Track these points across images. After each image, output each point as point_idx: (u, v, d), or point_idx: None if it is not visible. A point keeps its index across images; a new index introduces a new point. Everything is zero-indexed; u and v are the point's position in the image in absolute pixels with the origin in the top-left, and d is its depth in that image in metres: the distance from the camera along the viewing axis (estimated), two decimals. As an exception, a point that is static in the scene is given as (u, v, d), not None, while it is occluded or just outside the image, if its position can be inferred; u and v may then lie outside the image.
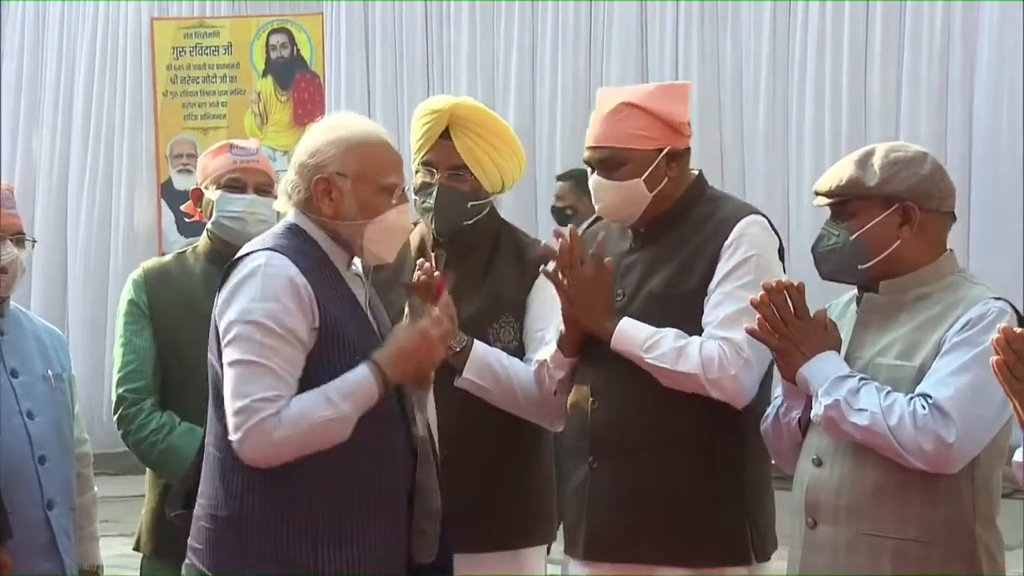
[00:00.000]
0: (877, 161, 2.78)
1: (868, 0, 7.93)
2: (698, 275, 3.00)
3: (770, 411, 2.88)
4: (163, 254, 8.05)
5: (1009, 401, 2.34)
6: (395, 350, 2.63)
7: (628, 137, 3.03)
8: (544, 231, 7.04)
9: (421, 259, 3.08)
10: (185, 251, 3.56)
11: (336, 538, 2.58)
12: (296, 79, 8.47)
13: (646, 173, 3.03)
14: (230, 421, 2.55)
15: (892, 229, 2.75)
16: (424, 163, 3.23)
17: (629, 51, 8.42)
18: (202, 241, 3.49)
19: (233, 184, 3.43)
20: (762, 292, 2.71)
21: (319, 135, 2.71)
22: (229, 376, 2.57)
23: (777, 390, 2.89)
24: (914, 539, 2.68)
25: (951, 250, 2.81)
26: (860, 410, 2.61)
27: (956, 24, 7.78)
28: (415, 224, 3.27)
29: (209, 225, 3.46)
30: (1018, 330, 2.31)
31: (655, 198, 3.04)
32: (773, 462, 2.98)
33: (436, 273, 2.82)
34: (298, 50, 8.48)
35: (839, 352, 2.73)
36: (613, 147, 3.04)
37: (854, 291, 2.85)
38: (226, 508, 2.61)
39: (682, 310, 2.99)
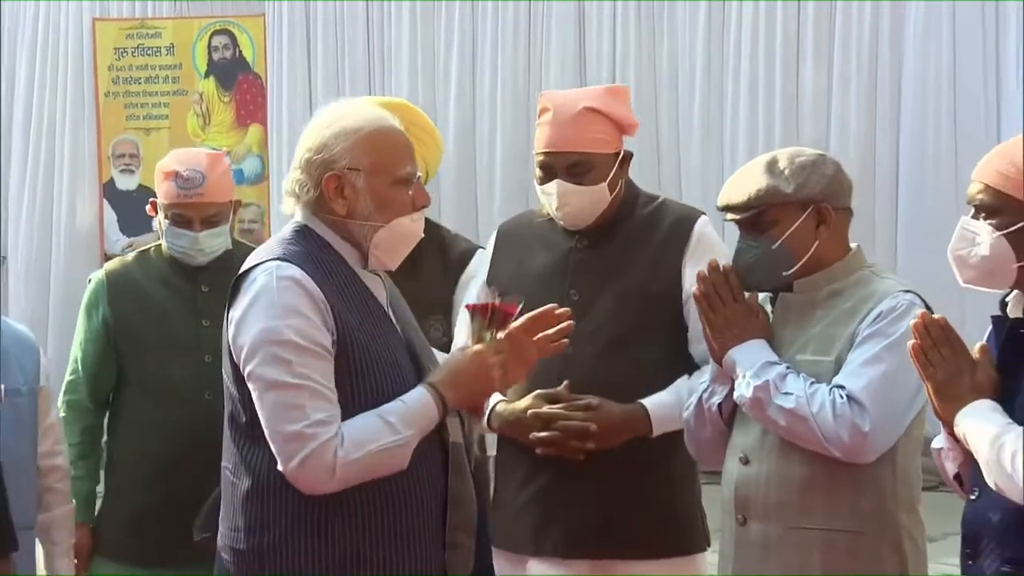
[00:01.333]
0: (786, 168, 2.80)
1: (800, 1, 8.06)
2: (668, 274, 3.05)
3: (692, 399, 2.89)
4: (106, 254, 8.17)
5: (924, 388, 2.45)
6: (452, 375, 2.46)
7: (592, 141, 3.05)
8: (484, 230, 7.17)
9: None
10: (148, 249, 3.53)
11: (367, 565, 2.39)
12: (238, 80, 8.45)
13: (609, 176, 3.08)
14: (279, 449, 2.34)
15: (811, 232, 2.78)
16: None
17: (567, 49, 8.49)
18: (164, 243, 3.47)
19: (178, 219, 3.36)
20: (702, 270, 2.75)
21: (324, 128, 2.49)
22: (267, 402, 2.36)
23: (704, 375, 2.90)
24: (843, 530, 2.71)
25: (858, 245, 2.85)
26: (786, 394, 2.66)
27: (884, 25, 7.93)
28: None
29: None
30: (936, 316, 2.43)
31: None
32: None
33: (499, 299, 2.60)
34: (240, 51, 8.45)
35: (768, 342, 2.76)
36: (582, 152, 3.06)
37: None
38: (246, 542, 2.42)
39: (656, 308, 3.05)
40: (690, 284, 2.91)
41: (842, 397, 2.66)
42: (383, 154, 2.47)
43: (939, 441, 2.55)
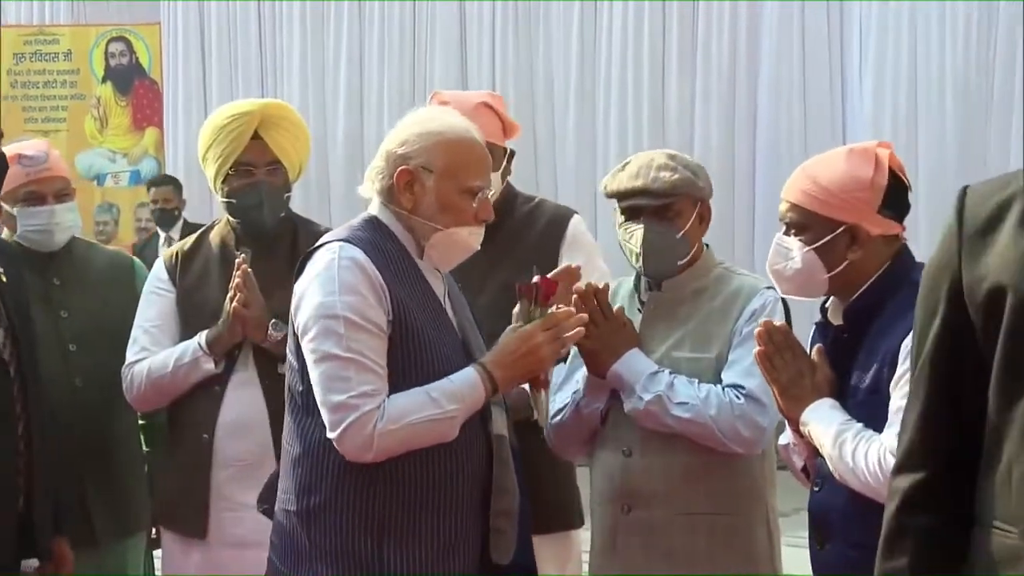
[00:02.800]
0: (686, 164, 2.84)
1: (664, 20, 8.40)
2: (545, 269, 3.04)
3: (563, 406, 2.87)
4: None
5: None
6: (501, 354, 2.52)
7: (491, 134, 3.03)
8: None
9: (239, 259, 3.11)
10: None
11: (402, 536, 2.46)
12: (135, 85, 8.64)
13: (500, 168, 3.12)
14: (327, 417, 2.43)
15: (698, 227, 2.84)
16: (241, 163, 3.20)
17: (451, 53, 8.70)
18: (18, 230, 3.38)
19: (31, 197, 3.31)
20: (575, 296, 2.73)
21: (412, 126, 2.55)
22: (318, 373, 2.45)
23: (574, 384, 2.88)
24: (723, 512, 2.79)
25: (708, 244, 2.91)
26: (681, 403, 2.69)
27: (741, 40, 8.36)
28: (229, 224, 3.23)
29: (16, 237, 3.36)
30: (778, 323, 2.52)
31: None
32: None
33: (538, 277, 2.61)
34: (137, 58, 8.62)
35: (638, 347, 2.77)
36: (484, 141, 2.97)
37: (630, 283, 2.91)
38: (295, 503, 2.52)
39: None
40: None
41: (739, 397, 2.71)
42: (457, 161, 2.53)
43: (785, 438, 2.61)
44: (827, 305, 2.59)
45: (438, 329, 2.53)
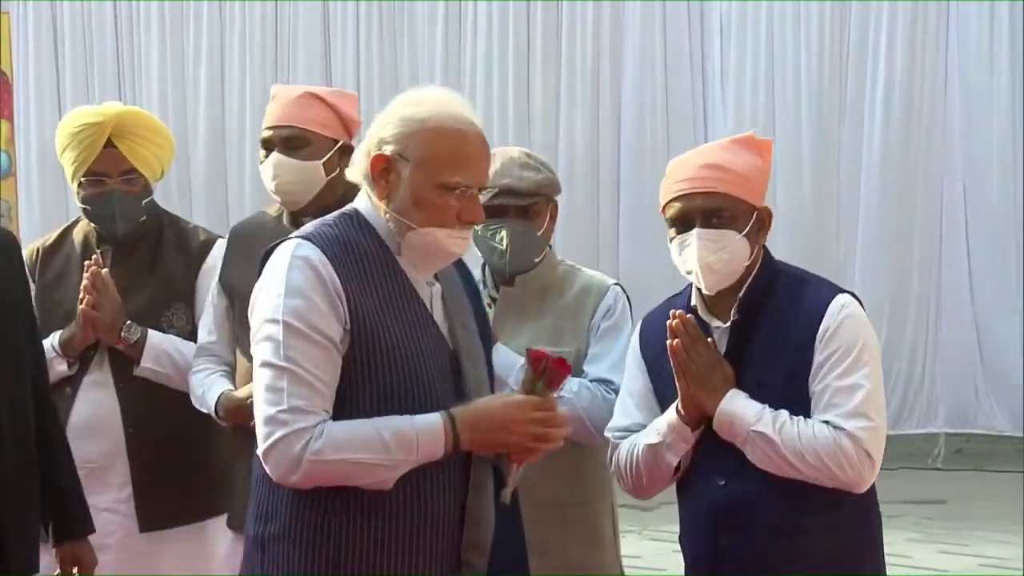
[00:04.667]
0: (542, 163, 2.89)
1: (529, 23, 8.45)
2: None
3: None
4: None
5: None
6: (477, 416, 2.23)
7: (310, 120, 3.08)
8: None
9: (90, 261, 3.11)
10: None
11: (364, 569, 2.20)
12: None
13: (325, 158, 3.08)
14: (258, 431, 2.20)
15: (551, 225, 2.94)
16: (93, 173, 3.21)
17: (314, 51, 8.65)
18: None
19: None
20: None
21: (401, 107, 2.31)
22: (257, 380, 2.23)
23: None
24: (579, 503, 2.91)
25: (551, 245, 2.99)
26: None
27: (605, 42, 8.42)
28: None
29: None
30: (687, 316, 2.51)
31: (328, 184, 3.08)
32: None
33: (557, 353, 2.37)
34: None
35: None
36: (299, 127, 3.07)
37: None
38: (252, 527, 2.30)
39: None
40: None
41: (610, 392, 2.79)
42: (437, 153, 2.25)
43: (658, 436, 2.57)
44: (693, 303, 2.59)
45: (417, 342, 2.24)
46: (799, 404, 2.48)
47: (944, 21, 8.11)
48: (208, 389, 3.09)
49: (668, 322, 2.50)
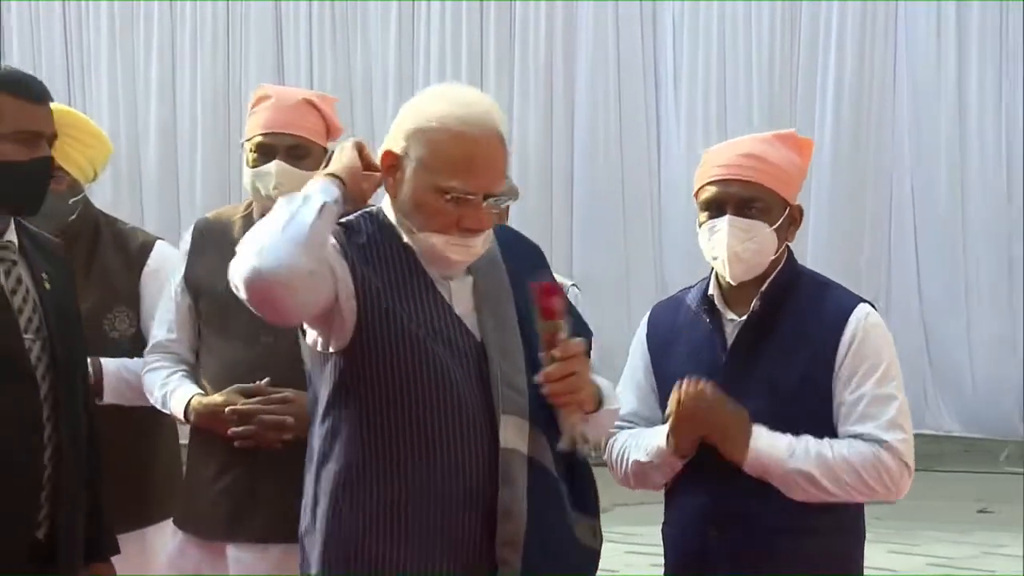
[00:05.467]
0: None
1: (483, 23, 8.51)
2: None
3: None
4: None
5: None
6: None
7: (310, 130, 3.07)
8: (187, 225, 7.35)
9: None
10: None
11: (382, 572, 2.13)
12: None
13: (320, 166, 3.09)
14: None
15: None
16: None
17: (266, 50, 8.66)
18: None
19: None
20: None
21: (418, 101, 2.23)
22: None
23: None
24: None
25: None
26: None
27: (558, 45, 8.51)
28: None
29: None
30: (691, 385, 2.41)
31: None
32: None
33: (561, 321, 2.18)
34: None
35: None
36: (302, 136, 3.05)
37: None
38: (301, 522, 2.28)
39: None
40: None
41: None
42: (440, 155, 2.14)
43: (647, 456, 2.55)
44: (711, 292, 2.58)
45: (429, 324, 2.17)
46: (808, 403, 2.48)
47: (892, 22, 8.22)
48: (172, 391, 3.05)
49: (686, 388, 2.43)
